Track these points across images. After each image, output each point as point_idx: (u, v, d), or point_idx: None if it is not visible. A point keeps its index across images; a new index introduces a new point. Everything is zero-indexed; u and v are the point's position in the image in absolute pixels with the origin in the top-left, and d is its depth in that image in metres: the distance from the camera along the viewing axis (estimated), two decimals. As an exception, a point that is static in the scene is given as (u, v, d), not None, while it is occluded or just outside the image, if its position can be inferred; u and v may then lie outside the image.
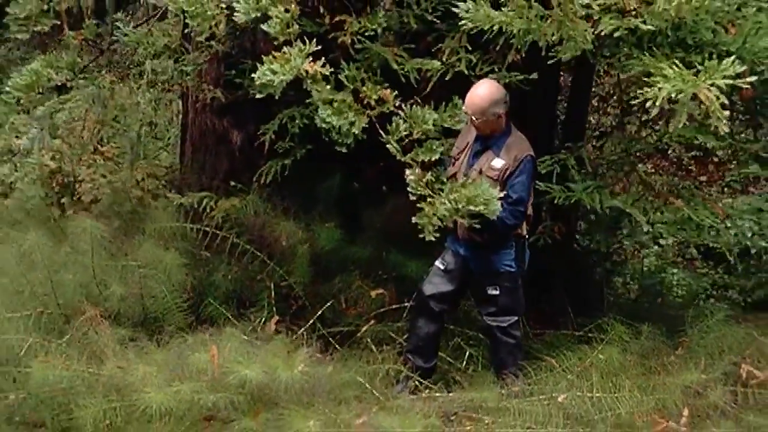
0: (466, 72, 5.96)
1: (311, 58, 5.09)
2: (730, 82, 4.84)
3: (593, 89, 10.20)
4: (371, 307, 6.42)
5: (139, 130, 8.54)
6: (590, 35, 5.07)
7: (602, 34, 5.07)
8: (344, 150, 5.55)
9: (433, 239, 5.04)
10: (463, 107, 5.51)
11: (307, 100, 5.61)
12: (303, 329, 6.15)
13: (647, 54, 5.39)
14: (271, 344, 5.32)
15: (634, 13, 5.11)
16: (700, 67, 5.00)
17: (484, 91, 5.54)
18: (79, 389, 4.93)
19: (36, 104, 6.94)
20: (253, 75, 6.94)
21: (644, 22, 5.03)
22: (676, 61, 5.22)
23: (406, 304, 6.40)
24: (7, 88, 6.79)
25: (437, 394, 5.53)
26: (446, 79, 5.91)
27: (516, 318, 5.73)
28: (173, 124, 9.94)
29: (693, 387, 5.59)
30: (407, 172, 5.29)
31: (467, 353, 6.24)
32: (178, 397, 4.65)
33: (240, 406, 4.72)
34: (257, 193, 6.75)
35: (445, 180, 5.42)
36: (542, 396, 5.36)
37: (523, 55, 6.15)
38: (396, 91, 5.42)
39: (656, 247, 11.65)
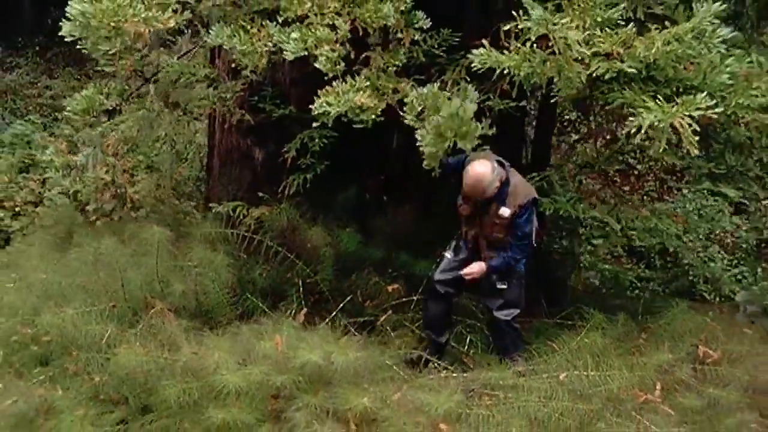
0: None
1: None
2: (702, 113, 5.03)
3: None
4: (387, 300, 6.47)
5: (174, 149, 8.53)
6: (584, 76, 5.23)
7: (593, 75, 5.24)
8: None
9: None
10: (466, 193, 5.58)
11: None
12: (327, 320, 6.21)
13: (627, 89, 5.57)
14: (318, 333, 5.35)
15: (617, 56, 5.28)
16: (669, 101, 5.19)
17: (479, 178, 5.48)
18: (157, 372, 4.97)
19: (90, 125, 6.93)
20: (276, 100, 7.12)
21: (630, 66, 5.20)
22: (651, 95, 5.42)
23: (415, 297, 6.49)
24: (66, 111, 6.74)
25: (454, 375, 5.62)
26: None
27: (518, 311, 5.86)
28: (192, 143, 9.92)
29: (663, 366, 5.77)
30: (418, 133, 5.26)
31: (468, 339, 6.33)
32: (249, 378, 4.72)
33: (301, 386, 4.77)
34: (287, 202, 6.78)
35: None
36: (545, 375, 5.48)
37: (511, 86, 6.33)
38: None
39: (590, 246, 11.90)
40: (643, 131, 5.05)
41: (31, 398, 5.04)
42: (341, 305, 6.37)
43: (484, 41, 5.50)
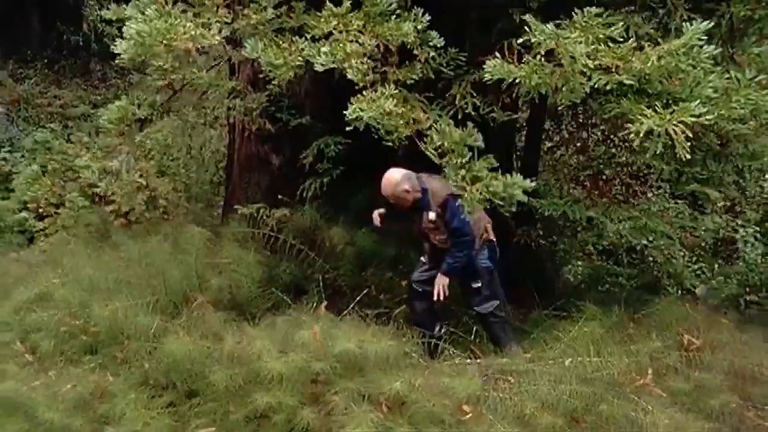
0: (473, 113, 6.18)
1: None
2: (695, 120, 5.15)
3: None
4: (400, 294, 6.51)
5: (190, 155, 8.54)
6: (587, 86, 5.33)
7: (595, 86, 5.35)
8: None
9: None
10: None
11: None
12: (346, 311, 6.25)
13: (623, 100, 5.68)
14: (349, 324, 5.39)
15: (615, 70, 5.39)
16: (660, 110, 5.31)
17: (389, 180, 5.83)
18: (202, 359, 5.00)
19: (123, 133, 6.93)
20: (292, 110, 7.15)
21: (627, 79, 5.31)
22: (645, 106, 5.54)
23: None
24: (102, 120, 6.74)
25: (467, 361, 5.69)
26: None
27: (498, 302, 5.97)
28: (205, 150, 9.91)
29: (653, 353, 5.88)
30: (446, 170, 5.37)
31: (474, 329, 6.39)
32: (290, 365, 4.76)
33: (338, 372, 4.82)
34: (309, 203, 6.83)
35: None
36: (551, 361, 5.56)
37: (511, 99, 6.44)
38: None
39: (561, 245, 12.02)
40: (641, 135, 5.17)
41: (86, 383, 5.07)
42: (358, 298, 6.40)
43: (496, 54, 5.60)
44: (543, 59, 5.35)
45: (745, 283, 12.26)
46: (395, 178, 5.82)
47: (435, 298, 5.85)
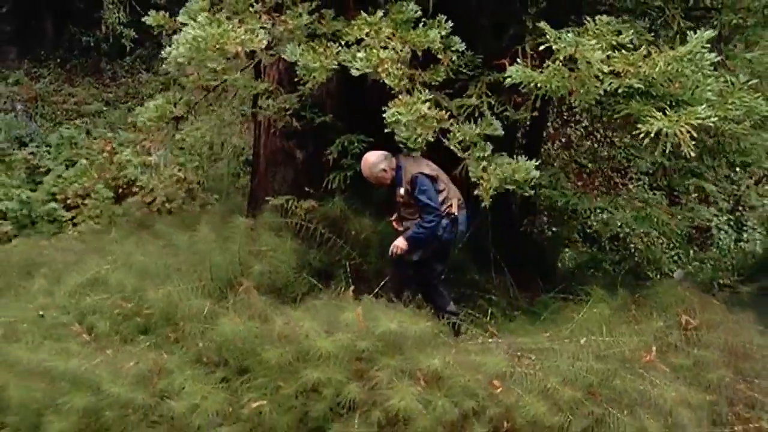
0: (488, 112, 6.28)
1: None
2: (701, 121, 5.29)
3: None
4: None
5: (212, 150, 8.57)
6: (601, 89, 5.47)
7: (607, 89, 5.48)
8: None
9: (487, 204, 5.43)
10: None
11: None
12: (372, 295, 6.32)
13: (631, 102, 5.82)
14: (386, 306, 5.48)
15: (625, 74, 5.52)
16: (664, 113, 5.46)
17: (366, 161, 5.99)
18: (252, 339, 5.06)
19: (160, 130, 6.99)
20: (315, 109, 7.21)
21: (637, 82, 5.45)
22: (651, 107, 5.68)
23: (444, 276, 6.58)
24: (141, 118, 6.79)
25: (490, 341, 5.81)
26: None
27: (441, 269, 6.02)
28: (226, 145, 9.93)
29: (656, 332, 6.03)
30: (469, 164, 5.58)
31: (489, 311, 6.51)
32: (337, 343, 4.84)
33: (380, 350, 4.92)
34: (335, 196, 6.90)
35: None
36: (566, 340, 5.70)
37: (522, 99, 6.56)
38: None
39: (549, 233, 12.17)
40: (652, 135, 5.31)
41: (145, 360, 5.14)
42: (382, 283, 6.47)
43: (517, 60, 5.72)
44: (561, 64, 5.48)
45: (719, 267, 12.51)
46: (372, 160, 5.94)
47: (389, 254, 5.96)
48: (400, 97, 5.34)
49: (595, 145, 14.20)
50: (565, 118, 13.95)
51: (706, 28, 6.74)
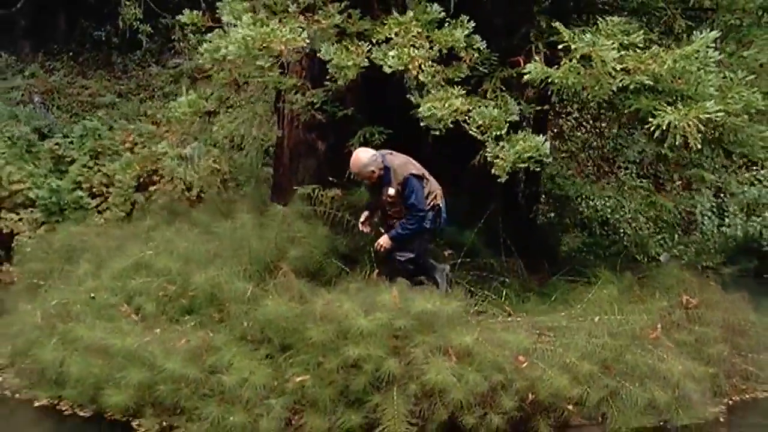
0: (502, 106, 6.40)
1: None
2: (709, 115, 5.44)
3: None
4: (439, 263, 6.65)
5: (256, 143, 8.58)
6: (614, 86, 5.61)
7: (620, 85, 5.62)
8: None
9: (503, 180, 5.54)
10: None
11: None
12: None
13: (640, 97, 5.96)
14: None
15: (635, 71, 5.66)
16: (680, 107, 5.60)
17: (358, 160, 5.96)
18: (294, 318, 5.19)
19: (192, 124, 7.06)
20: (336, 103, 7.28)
21: (647, 79, 5.59)
22: (659, 102, 5.83)
23: (461, 260, 6.74)
24: (176, 113, 6.85)
25: (509, 319, 5.94)
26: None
27: (412, 255, 5.98)
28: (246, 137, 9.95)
29: (660, 311, 6.18)
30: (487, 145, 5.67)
31: (504, 292, 6.61)
32: (375, 322, 4.97)
33: (415, 328, 5.06)
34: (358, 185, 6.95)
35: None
36: (580, 318, 5.85)
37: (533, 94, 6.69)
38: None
39: (546, 219, 12.29)
40: (664, 127, 5.46)
41: (195, 339, 5.26)
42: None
43: (535, 57, 5.84)
44: (577, 62, 5.61)
45: (702, 251, 12.70)
46: (363, 159, 5.91)
47: (375, 250, 6.03)
48: (432, 92, 5.44)
49: (586, 136, 14.33)
50: (557, 109, 14.03)
51: (703, 27, 6.93)
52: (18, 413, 5.48)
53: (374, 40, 5.89)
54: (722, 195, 13.32)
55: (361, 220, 6.20)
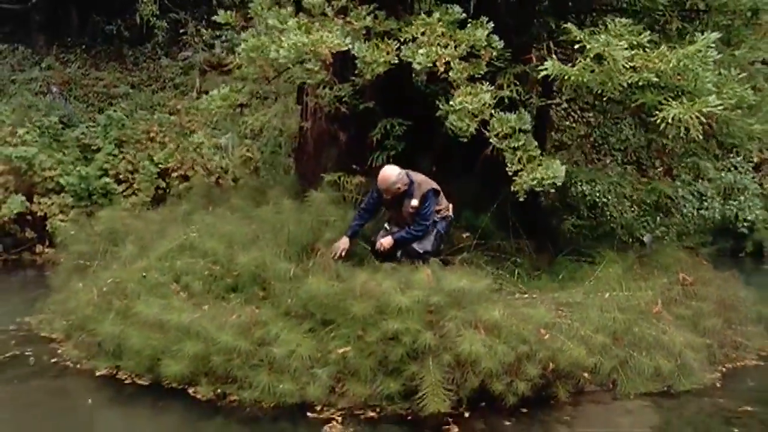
0: (516, 97, 6.58)
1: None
2: (710, 109, 5.64)
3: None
4: (457, 244, 6.82)
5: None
6: (624, 82, 5.78)
7: (629, 82, 5.80)
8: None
9: (522, 199, 5.76)
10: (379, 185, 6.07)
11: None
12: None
13: (647, 92, 6.13)
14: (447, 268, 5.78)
15: (642, 69, 5.84)
16: (685, 102, 5.78)
17: (387, 177, 6.02)
18: (335, 295, 5.35)
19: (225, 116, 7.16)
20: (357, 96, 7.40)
21: (655, 76, 5.77)
22: (664, 97, 6.01)
23: (476, 242, 6.88)
24: (211, 106, 6.95)
25: (525, 296, 6.11)
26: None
27: (430, 251, 6.10)
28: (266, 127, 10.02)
29: (661, 288, 6.41)
30: (506, 155, 5.86)
31: (516, 272, 6.78)
32: (411, 298, 5.14)
33: (447, 304, 5.24)
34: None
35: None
36: (591, 295, 6.04)
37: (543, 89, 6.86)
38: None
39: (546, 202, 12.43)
40: (670, 120, 5.64)
41: (244, 314, 5.42)
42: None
43: (553, 55, 6.01)
44: (590, 60, 5.78)
45: (682, 232, 12.98)
46: (392, 177, 5.98)
47: (375, 248, 6.11)
48: (462, 88, 5.59)
49: (574, 125, 14.53)
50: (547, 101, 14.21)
51: (695, 27, 7.14)
52: (80, 382, 5.63)
53: (402, 39, 6.03)
54: (701, 180, 13.60)
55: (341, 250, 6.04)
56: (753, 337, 6.75)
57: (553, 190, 6.09)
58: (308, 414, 5.00)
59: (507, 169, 5.92)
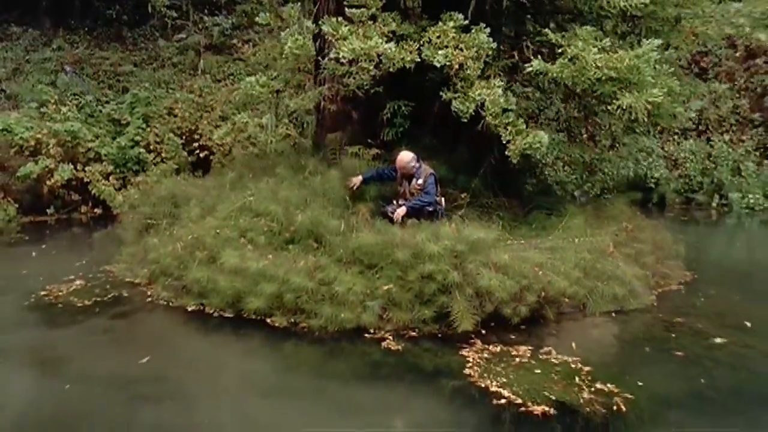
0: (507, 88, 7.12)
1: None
2: (654, 99, 6.34)
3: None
4: (458, 202, 7.25)
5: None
6: (591, 77, 6.43)
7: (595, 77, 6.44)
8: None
9: (514, 161, 6.41)
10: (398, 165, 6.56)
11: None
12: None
13: (605, 84, 6.78)
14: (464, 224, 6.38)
15: (603, 67, 6.48)
16: (636, 93, 6.46)
17: (404, 158, 6.55)
18: (378, 245, 5.89)
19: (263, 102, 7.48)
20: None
21: (615, 73, 6.42)
22: (617, 89, 6.68)
23: (470, 201, 7.35)
24: (251, 91, 7.26)
25: (516, 242, 6.73)
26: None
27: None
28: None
29: (611, 234, 7.15)
30: (500, 130, 6.42)
31: (501, 224, 7.22)
32: (441, 246, 5.69)
33: (468, 250, 5.81)
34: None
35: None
36: (561, 240, 6.68)
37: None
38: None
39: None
40: (624, 107, 6.32)
41: (305, 261, 5.92)
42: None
43: (539, 54, 6.58)
44: (567, 60, 6.39)
45: (604, 188, 13.89)
46: (407, 158, 6.51)
47: (394, 218, 6.46)
48: (476, 83, 6.13)
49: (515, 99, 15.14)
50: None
51: (634, 31, 7.82)
52: (174, 315, 6.06)
53: (421, 41, 6.51)
54: (617, 145, 14.48)
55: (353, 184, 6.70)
56: (674, 269, 7.58)
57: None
58: (365, 335, 5.55)
59: (502, 138, 6.45)
